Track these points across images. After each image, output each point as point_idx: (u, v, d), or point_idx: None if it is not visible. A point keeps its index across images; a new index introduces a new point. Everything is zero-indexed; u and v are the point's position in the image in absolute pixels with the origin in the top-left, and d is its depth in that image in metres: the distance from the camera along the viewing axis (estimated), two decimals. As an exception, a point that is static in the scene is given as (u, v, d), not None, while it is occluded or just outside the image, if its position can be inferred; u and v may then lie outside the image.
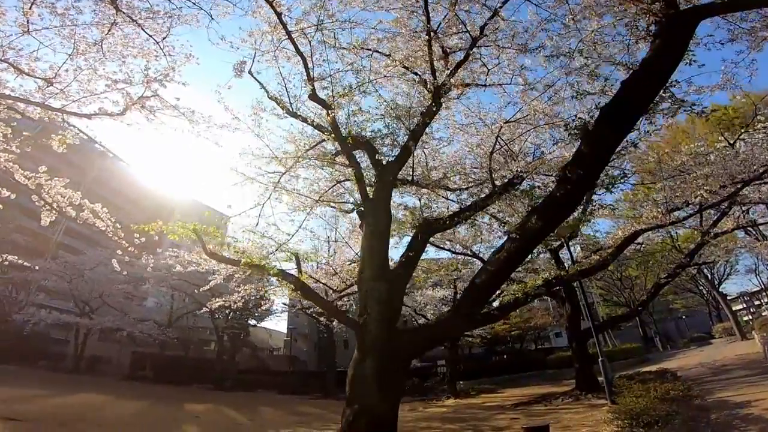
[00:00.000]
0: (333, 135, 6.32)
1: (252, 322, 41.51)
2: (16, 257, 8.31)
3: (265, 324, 45.52)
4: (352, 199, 9.98)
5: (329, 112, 6.08)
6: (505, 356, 35.20)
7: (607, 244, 11.12)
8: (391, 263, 6.89)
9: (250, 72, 6.64)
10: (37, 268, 22.88)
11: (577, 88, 5.58)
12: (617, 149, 11.26)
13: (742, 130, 9.27)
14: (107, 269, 24.95)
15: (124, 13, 5.84)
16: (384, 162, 6.89)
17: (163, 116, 6.71)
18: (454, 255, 16.52)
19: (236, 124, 7.45)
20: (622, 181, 8.88)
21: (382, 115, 7.25)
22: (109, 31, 5.91)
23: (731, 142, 9.35)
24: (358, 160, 7.87)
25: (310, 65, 6.32)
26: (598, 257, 9.56)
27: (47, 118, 6.51)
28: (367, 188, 6.91)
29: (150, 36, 6.07)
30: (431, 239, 16.00)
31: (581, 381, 13.64)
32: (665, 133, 17.14)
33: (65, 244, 39.88)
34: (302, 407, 18.18)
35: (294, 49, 6.15)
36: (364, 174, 7.60)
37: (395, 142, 7.54)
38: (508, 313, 16.92)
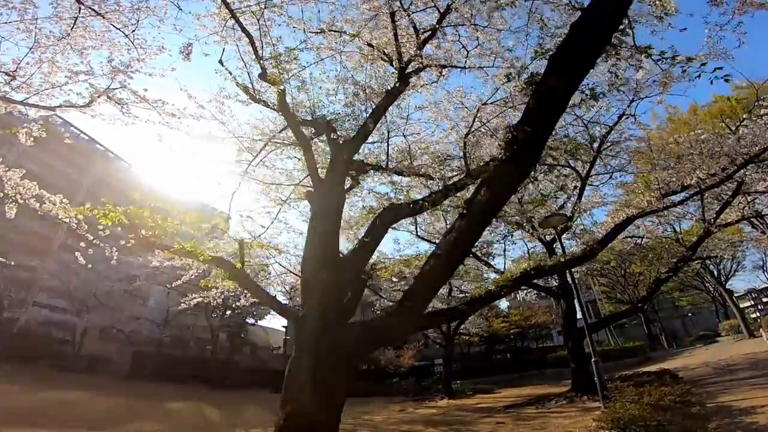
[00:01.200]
0: (281, 111, 5.80)
1: (250, 320, 41.15)
2: (9, 259, 8.11)
3: (264, 322, 45.09)
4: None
5: (277, 88, 5.58)
6: (508, 355, 34.54)
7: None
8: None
9: (220, 61, 6.34)
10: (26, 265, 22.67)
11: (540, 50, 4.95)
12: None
13: (744, 117, 8.77)
14: (100, 266, 24.61)
15: (85, 6, 5.52)
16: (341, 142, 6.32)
17: (135, 108, 6.43)
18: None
19: (201, 113, 7.24)
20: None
21: (335, 92, 6.80)
22: (74, 25, 5.61)
23: (733, 129, 8.84)
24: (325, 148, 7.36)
25: (258, 45, 5.96)
26: (585, 246, 8.89)
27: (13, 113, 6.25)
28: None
29: (118, 29, 5.78)
30: (424, 236, 15.57)
31: (577, 382, 13.00)
32: (667, 125, 16.45)
33: (68, 244, 39.83)
34: (290, 407, 17.66)
35: (240, 29, 5.77)
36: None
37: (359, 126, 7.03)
38: (480, 308, 16.06)
